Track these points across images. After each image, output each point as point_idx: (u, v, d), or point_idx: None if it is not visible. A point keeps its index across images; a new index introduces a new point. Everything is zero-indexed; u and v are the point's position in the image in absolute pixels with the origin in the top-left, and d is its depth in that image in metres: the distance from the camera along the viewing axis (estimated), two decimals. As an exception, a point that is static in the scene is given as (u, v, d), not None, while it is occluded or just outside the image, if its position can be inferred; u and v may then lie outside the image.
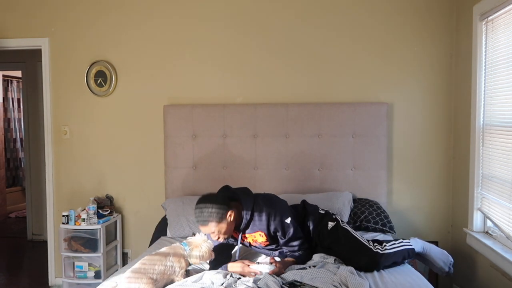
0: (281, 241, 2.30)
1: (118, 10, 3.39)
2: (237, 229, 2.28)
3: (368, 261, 2.22)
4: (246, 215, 2.23)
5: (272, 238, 2.30)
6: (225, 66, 3.32)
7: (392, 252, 2.26)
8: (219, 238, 2.19)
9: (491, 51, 2.65)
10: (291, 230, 2.26)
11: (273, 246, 2.36)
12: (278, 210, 2.26)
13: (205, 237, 2.20)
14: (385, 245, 2.28)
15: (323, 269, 2.13)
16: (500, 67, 2.55)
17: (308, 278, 2.02)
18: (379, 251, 2.24)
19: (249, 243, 2.37)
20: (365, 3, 3.20)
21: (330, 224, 2.38)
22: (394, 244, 2.31)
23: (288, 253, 2.35)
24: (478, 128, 2.77)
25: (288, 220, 2.25)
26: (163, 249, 2.16)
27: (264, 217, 2.23)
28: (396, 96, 3.22)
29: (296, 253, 2.33)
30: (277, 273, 2.10)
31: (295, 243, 2.31)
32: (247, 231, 2.29)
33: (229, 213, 2.16)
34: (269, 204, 2.27)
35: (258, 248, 2.39)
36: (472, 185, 2.83)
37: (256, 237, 2.30)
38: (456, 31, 3.12)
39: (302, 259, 2.31)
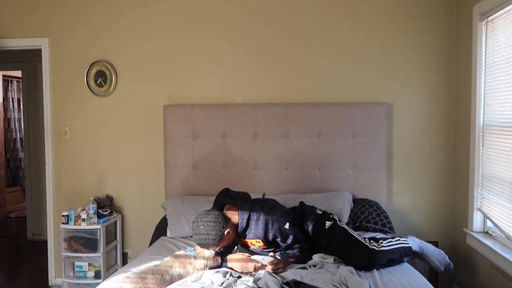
0: (283, 245, 2.31)
1: (118, 10, 3.39)
2: (236, 233, 2.28)
3: (364, 258, 2.21)
4: (241, 223, 2.24)
5: (269, 243, 2.31)
6: (225, 66, 3.32)
7: (388, 249, 2.25)
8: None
9: (491, 51, 2.65)
10: (291, 236, 2.28)
11: (272, 249, 2.36)
12: (276, 217, 2.26)
13: None
14: (382, 242, 2.28)
15: (323, 269, 2.13)
16: (500, 67, 2.55)
17: (308, 278, 2.02)
18: (375, 247, 2.24)
19: (248, 246, 2.38)
20: (365, 4, 3.20)
21: (328, 224, 2.38)
22: (391, 241, 2.31)
23: (290, 254, 2.36)
24: (478, 128, 2.77)
25: (287, 226, 2.26)
26: (168, 258, 2.15)
27: (261, 225, 2.24)
28: (396, 96, 3.22)
29: (297, 254, 2.34)
30: (276, 265, 2.12)
31: (296, 246, 2.32)
32: (244, 238, 2.30)
33: (226, 231, 2.18)
34: (266, 211, 2.27)
35: (257, 250, 2.40)
36: (472, 185, 2.83)
37: (253, 242, 2.32)
38: (456, 31, 3.12)
39: (302, 259, 2.32)
